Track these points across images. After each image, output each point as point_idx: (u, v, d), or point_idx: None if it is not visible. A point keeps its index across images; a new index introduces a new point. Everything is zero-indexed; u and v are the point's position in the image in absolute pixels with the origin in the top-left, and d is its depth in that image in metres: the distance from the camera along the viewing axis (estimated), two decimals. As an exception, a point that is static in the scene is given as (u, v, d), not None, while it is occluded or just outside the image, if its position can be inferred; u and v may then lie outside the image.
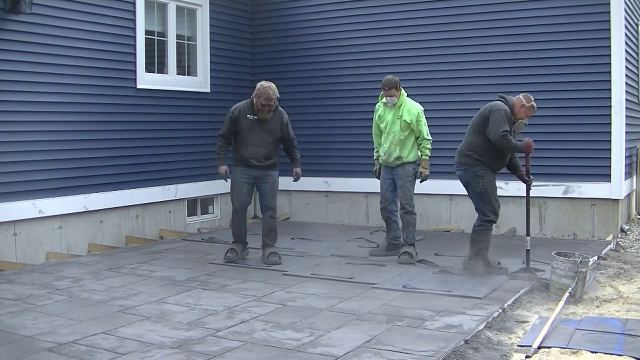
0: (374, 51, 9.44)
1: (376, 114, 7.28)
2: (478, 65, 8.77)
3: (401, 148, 7.00)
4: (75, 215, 7.63)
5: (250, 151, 6.88)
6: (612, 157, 8.20)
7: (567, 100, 8.38)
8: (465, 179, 6.41)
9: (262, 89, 6.73)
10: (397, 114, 7.03)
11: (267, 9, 10.26)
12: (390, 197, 7.18)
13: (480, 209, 6.41)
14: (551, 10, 8.42)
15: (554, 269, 5.65)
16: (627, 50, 8.42)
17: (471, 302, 5.32)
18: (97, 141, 7.90)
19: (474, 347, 4.31)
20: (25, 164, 7.07)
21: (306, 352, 4.23)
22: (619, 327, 4.73)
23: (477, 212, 6.48)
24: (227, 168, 7.06)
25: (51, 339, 4.47)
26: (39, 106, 7.22)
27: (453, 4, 8.95)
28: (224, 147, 7.06)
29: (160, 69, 8.89)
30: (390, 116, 7.07)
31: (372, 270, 6.57)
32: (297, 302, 5.41)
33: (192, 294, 5.68)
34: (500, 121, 6.12)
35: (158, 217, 8.77)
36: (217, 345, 4.35)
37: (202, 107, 9.43)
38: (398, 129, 6.99)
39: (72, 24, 7.54)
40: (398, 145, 7.00)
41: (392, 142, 7.02)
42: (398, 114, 7.02)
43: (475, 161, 6.32)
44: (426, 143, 7.05)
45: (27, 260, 7.04)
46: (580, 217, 8.45)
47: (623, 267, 6.82)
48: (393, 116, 7.06)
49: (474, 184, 6.36)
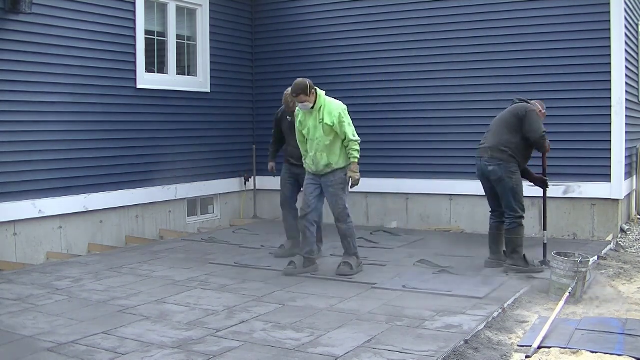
0: (374, 51, 9.44)
1: (297, 119, 6.60)
2: (478, 65, 8.77)
3: (329, 154, 6.35)
4: (75, 215, 7.63)
5: (290, 151, 7.22)
6: (612, 157, 8.20)
7: (567, 100, 8.38)
8: (499, 174, 6.44)
9: (285, 93, 7.12)
10: (318, 117, 6.35)
11: (267, 9, 10.26)
12: (313, 205, 6.50)
13: (512, 205, 6.44)
14: (551, 10, 8.42)
15: (554, 269, 5.65)
16: (627, 50, 8.42)
17: (471, 302, 5.32)
18: (97, 141, 7.90)
19: (474, 347, 4.31)
20: (25, 164, 7.07)
21: (306, 352, 4.23)
22: (619, 327, 4.73)
23: (507, 209, 6.48)
24: (273, 165, 7.52)
25: (51, 339, 4.47)
26: (39, 106, 7.22)
27: (453, 4, 8.95)
28: (273, 146, 7.56)
29: (160, 69, 8.90)
30: (311, 121, 6.40)
31: (372, 270, 6.57)
32: (297, 302, 5.41)
33: (192, 294, 5.68)
34: (539, 122, 6.42)
35: (158, 217, 8.77)
36: (217, 345, 4.35)
37: (202, 107, 9.43)
38: (321, 134, 6.33)
39: (72, 24, 7.54)
40: (324, 151, 6.34)
41: (317, 149, 6.36)
42: (319, 117, 6.35)
43: (510, 157, 6.42)
44: (353, 145, 6.34)
45: (27, 260, 7.04)
46: (580, 217, 8.45)
47: (623, 267, 6.82)
48: (314, 121, 6.38)
49: (507, 180, 6.42)
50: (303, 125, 6.51)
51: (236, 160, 10.07)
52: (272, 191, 10.29)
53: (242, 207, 10.19)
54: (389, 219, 9.23)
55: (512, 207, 6.43)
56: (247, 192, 10.24)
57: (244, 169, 10.16)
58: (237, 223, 9.81)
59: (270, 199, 10.33)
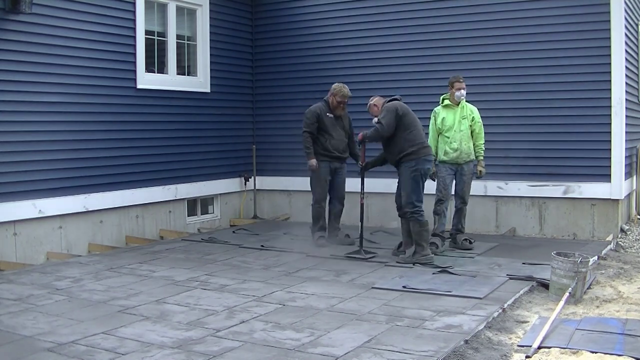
0: (374, 51, 9.44)
1: (438, 116, 7.53)
2: (478, 65, 8.77)
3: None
4: (75, 215, 7.63)
5: (334, 144, 7.82)
6: (612, 157, 8.20)
7: (567, 100, 8.38)
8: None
9: (338, 87, 7.78)
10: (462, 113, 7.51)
11: (267, 9, 10.26)
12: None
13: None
14: (551, 10, 8.42)
15: (554, 269, 5.64)
16: (627, 50, 8.42)
17: (471, 302, 5.32)
18: (97, 141, 7.90)
19: (474, 347, 4.31)
20: (25, 164, 7.07)
21: (306, 352, 4.23)
22: (619, 327, 4.73)
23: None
24: (316, 161, 7.81)
25: (51, 339, 4.47)
26: (39, 106, 7.23)
27: (453, 4, 8.95)
28: (313, 144, 7.84)
29: (160, 69, 8.90)
30: (456, 116, 7.53)
31: (372, 270, 6.57)
32: (297, 302, 5.41)
33: (192, 294, 5.68)
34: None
35: (158, 217, 8.77)
36: (217, 345, 4.35)
37: (202, 107, 9.43)
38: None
39: (72, 24, 7.54)
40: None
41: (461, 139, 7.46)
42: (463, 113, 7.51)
43: None
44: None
45: (27, 260, 7.04)
46: (580, 217, 8.45)
47: (623, 267, 6.82)
48: (458, 116, 7.51)
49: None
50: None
51: (236, 160, 10.07)
52: (272, 191, 10.32)
53: (242, 207, 10.19)
54: (388, 219, 9.22)
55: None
56: (247, 192, 10.25)
57: (243, 169, 10.16)
58: (237, 223, 9.82)
59: (270, 199, 10.34)
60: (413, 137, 6.84)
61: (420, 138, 6.91)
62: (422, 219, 6.78)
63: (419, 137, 6.88)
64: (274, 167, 10.20)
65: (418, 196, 6.82)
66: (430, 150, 7.03)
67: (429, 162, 6.98)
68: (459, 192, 7.59)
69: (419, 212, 6.78)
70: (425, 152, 6.88)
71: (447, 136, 7.43)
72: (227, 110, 9.91)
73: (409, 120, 6.87)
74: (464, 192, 7.55)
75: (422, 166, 6.83)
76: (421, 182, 6.87)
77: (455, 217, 7.65)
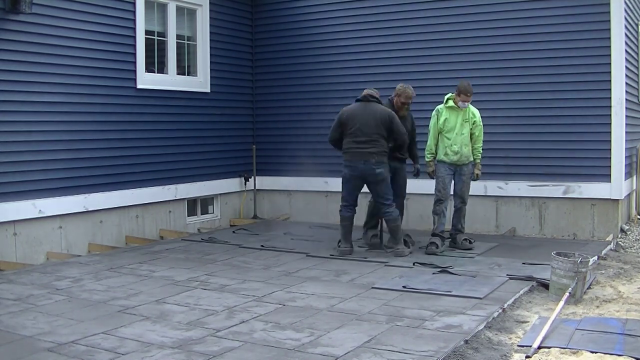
0: (375, 51, 9.44)
1: (441, 117, 7.54)
2: (478, 65, 8.78)
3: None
4: (75, 215, 7.63)
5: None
6: (612, 157, 8.20)
7: (567, 100, 8.38)
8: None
9: (402, 88, 7.59)
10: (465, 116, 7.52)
11: (267, 9, 10.26)
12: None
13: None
14: (551, 10, 8.42)
15: (554, 269, 5.65)
16: (627, 50, 8.42)
17: (471, 302, 5.32)
18: (97, 141, 7.90)
19: (474, 347, 4.31)
20: (25, 164, 7.07)
21: (306, 352, 4.23)
22: (619, 327, 4.73)
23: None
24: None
25: (51, 339, 4.47)
26: (39, 106, 7.22)
27: (453, 4, 8.95)
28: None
29: (160, 69, 8.90)
30: (459, 119, 7.53)
31: (372, 270, 6.57)
32: (297, 302, 5.41)
33: (192, 294, 5.68)
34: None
35: (158, 217, 8.77)
36: (217, 345, 4.35)
37: (202, 107, 9.43)
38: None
39: (72, 24, 7.54)
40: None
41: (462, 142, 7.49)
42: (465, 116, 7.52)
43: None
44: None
45: (27, 260, 7.04)
46: (580, 217, 8.45)
47: (623, 267, 6.82)
48: (460, 119, 7.52)
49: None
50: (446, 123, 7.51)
51: (236, 160, 10.07)
52: (272, 191, 10.32)
53: (242, 207, 10.19)
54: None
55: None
56: (247, 192, 10.25)
57: (243, 169, 10.16)
58: (237, 223, 9.82)
59: (270, 199, 10.34)
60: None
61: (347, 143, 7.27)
62: (345, 214, 7.33)
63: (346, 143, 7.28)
64: (274, 167, 10.20)
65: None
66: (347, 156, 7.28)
67: (346, 167, 7.30)
68: (458, 192, 7.59)
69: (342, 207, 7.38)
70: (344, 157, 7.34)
71: (448, 137, 7.42)
72: (227, 110, 9.91)
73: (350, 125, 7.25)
74: (463, 192, 7.55)
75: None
76: (347, 185, 7.34)
77: (454, 217, 7.65)
